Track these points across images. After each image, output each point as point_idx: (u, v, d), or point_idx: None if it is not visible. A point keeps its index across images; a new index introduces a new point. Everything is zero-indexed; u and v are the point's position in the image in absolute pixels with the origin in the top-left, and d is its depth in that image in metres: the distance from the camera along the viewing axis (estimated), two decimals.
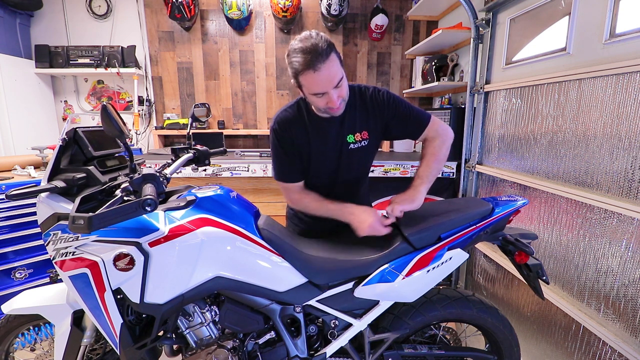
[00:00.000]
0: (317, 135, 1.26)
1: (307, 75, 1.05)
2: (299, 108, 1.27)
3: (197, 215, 1.03)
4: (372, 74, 3.38)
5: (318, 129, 1.25)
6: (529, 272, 1.15)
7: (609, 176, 1.33)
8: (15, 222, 1.95)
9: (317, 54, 1.02)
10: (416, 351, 1.22)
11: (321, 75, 1.04)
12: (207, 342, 1.13)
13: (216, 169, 2.49)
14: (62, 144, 1.07)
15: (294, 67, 1.08)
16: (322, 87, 1.07)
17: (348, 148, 1.27)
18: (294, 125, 1.25)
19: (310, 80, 1.06)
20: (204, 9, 3.14)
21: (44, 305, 1.17)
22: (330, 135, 1.26)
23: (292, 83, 1.16)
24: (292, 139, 1.25)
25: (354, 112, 1.26)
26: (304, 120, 1.25)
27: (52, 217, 1.02)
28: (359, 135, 1.27)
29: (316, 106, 1.18)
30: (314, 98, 1.12)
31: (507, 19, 1.92)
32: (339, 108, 1.15)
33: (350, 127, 1.26)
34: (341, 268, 1.10)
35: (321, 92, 1.08)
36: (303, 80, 1.09)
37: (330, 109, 1.14)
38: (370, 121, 1.27)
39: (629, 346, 1.23)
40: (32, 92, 2.94)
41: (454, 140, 1.36)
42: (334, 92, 1.09)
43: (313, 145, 1.26)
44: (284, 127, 1.25)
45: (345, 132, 1.26)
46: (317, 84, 1.07)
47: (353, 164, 1.31)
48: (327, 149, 1.27)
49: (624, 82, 1.25)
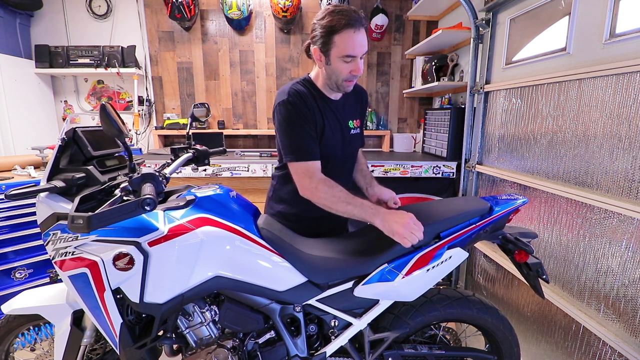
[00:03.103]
0: (329, 114, 1.24)
1: (346, 34, 1.08)
2: (307, 85, 1.24)
3: (196, 214, 1.03)
4: (372, 74, 3.38)
5: (327, 108, 1.24)
6: (528, 271, 1.15)
7: (609, 176, 1.33)
8: (15, 222, 1.95)
9: (358, 17, 1.10)
10: (416, 351, 1.22)
11: (359, 37, 1.10)
12: (207, 341, 1.13)
13: (216, 169, 2.49)
14: (61, 143, 1.07)
15: (331, 25, 1.09)
16: (357, 49, 1.11)
17: (349, 133, 1.30)
18: (308, 98, 1.19)
19: (348, 40, 1.09)
20: (204, 9, 3.14)
21: (44, 305, 1.17)
22: (337, 116, 1.27)
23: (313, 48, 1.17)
24: (312, 111, 1.18)
25: (350, 101, 1.32)
26: (315, 96, 1.23)
27: (52, 217, 1.02)
28: (356, 122, 1.33)
29: (337, 73, 1.16)
30: (340, 63, 1.13)
31: (507, 19, 1.92)
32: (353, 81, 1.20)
33: (349, 113, 1.31)
34: (341, 267, 1.10)
35: (354, 54, 1.11)
36: (339, 40, 1.10)
37: (353, 77, 1.17)
38: (358, 113, 1.37)
39: (629, 346, 1.23)
40: (32, 92, 2.94)
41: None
42: (360, 60, 1.13)
43: (326, 123, 1.21)
44: (301, 98, 1.16)
45: (347, 117, 1.30)
46: (353, 45, 1.10)
47: (352, 150, 1.35)
48: (335, 130, 1.25)
49: (624, 82, 1.25)
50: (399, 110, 3.48)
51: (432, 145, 2.88)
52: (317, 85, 1.25)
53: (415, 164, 2.55)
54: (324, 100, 1.24)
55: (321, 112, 1.22)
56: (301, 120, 1.16)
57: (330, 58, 1.14)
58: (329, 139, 1.23)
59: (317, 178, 1.14)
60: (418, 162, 2.56)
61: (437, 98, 3.26)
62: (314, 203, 1.15)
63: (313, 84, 1.25)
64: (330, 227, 1.41)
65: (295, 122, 1.16)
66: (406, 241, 1.00)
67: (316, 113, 1.20)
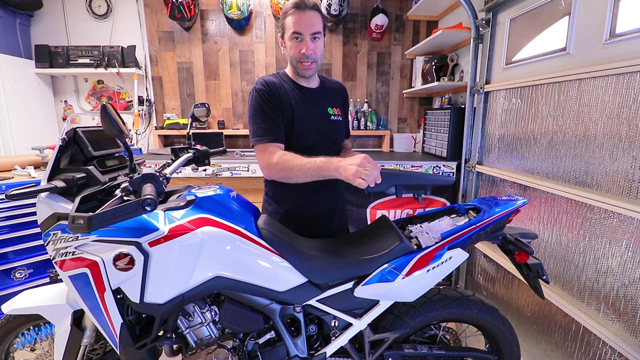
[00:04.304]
0: (301, 101, 1.31)
1: (292, 14, 1.21)
2: (281, 76, 1.35)
3: (196, 215, 1.03)
4: (372, 74, 3.38)
5: (301, 95, 1.32)
6: (529, 272, 1.15)
7: (609, 176, 1.33)
8: (15, 222, 1.95)
9: (305, 2, 1.22)
10: (416, 351, 1.22)
11: (304, 16, 1.21)
12: (207, 342, 1.13)
13: (216, 169, 2.49)
14: (61, 144, 1.07)
15: (284, 11, 1.24)
16: (302, 26, 1.21)
17: (330, 118, 1.37)
18: (276, 87, 1.28)
19: (293, 19, 1.21)
20: (204, 9, 3.14)
21: (44, 305, 1.17)
22: (313, 102, 1.34)
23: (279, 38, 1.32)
24: (279, 99, 1.27)
25: (329, 90, 1.42)
26: (286, 86, 1.32)
27: (52, 217, 1.01)
28: (336, 110, 1.40)
29: (291, 55, 1.27)
30: (292, 43, 1.24)
31: (507, 19, 1.93)
32: (311, 65, 1.26)
33: (328, 100, 1.39)
34: (341, 268, 1.10)
35: (299, 31, 1.21)
36: (287, 21, 1.23)
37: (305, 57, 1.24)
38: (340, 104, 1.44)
39: (629, 346, 1.23)
40: (32, 92, 2.94)
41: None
42: (309, 39, 1.23)
43: (297, 109, 1.29)
44: (267, 86, 1.26)
45: (326, 104, 1.38)
46: (298, 23, 1.21)
47: (333, 135, 1.39)
48: (310, 115, 1.32)
49: (624, 82, 1.25)
50: (399, 110, 3.48)
51: (432, 145, 2.88)
52: (289, 76, 1.35)
53: (415, 164, 2.55)
54: (298, 88, 1.33)
55: (291, 98, 1.29)
56: (265, 105, 1.24)
57: (285, 41, 1.28)
58: (302, 122, 1.29)
59: (276, 155, 1.18)
60: (418, 162, 2.57)
61: (437, 98, 3.26)
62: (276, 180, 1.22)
63: (286, 75, 1.36)
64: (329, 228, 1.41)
65: (259, 108, 1.24)
66: (361, 181, 0.94)
67: (284, 99, 1.27)
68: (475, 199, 1.36)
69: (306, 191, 1.33)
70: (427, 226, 1.18)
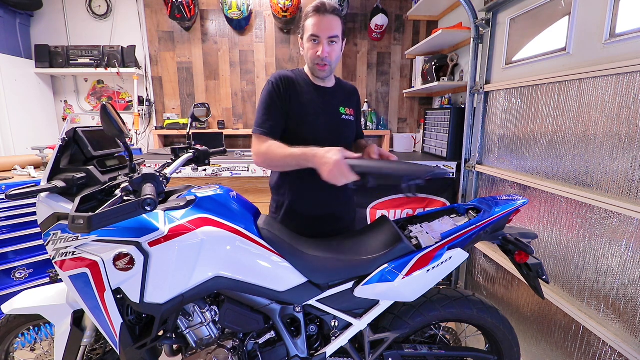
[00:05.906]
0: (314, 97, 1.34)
1: (312, 18, 1.25)
2: (297, 72, 1.38)
3: (196, 215, 1.03)
4: (372, 74, 3.38)
5: (314, 93, 1.35)
6: (529, 272, 1.15)
7: (609, 176, 1.33)
8: (15, 222, 1.95)
9: (326, 6, 1.25)
10: (416, 351, 1.22)
11: (323, 20, 1.24)
12: (207, 342, 1.13)
13: (216, 169, 2.49)
14: (62, 144, 1.07)
15: (305, 13, 1.28)
16: (320, 30, 1.24)
17: (341, 118, 1.39)
18: (293, 83, 1.32)
19: (312, 22, 1.25)
20: (204, 9, 3.14)
21: (44, 305, 1.17)
22: (326, 100, 1.37)
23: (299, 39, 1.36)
24: (289, 93, 1.30)
25: (343, 91, 1.45)
26: (302, 82, 1.35)
27: (52, 217, 1.01)
28: (348, 110, 1.42)
29: (308, 56, 1.30)
30: (309, 45, 1.28)
31: (507, 19, 1.93)
32: (325, 67, 1.29)
33: (342, 100, 1.42)
34: (341, 268, 1.10)
35: (317, 34, 1.25)
36: (307, 24, 1.27)
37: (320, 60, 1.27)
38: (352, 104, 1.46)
39: (629, 346, 1.23)
40: (32, 92, 2.94)
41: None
42: (326, 43, 1.26)
43: (308, 105, 1.32)
44: (281, 80, 1.30)
45: (338, 103, 1.40)
46: (317, 26, 1.24)
47: (342, 133, 1.41)
48: (321, 113, 1.34)
49: (624, 82, 1.25)
50: (399, 110, 3.48)
51: (432, 145, 2.88)
52: (306, 74, 1.38)
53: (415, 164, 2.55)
54: (312, 85, 1.36)
55: (304, 94, 1.33)
56: (273, 98, 1.28)
57: (304, 42, 1.31)
58: (311, 121, 1.32)
59: (265, 144, 1.24)
60: (418, 162, 2.57)
61: (437, 98, 3.26)
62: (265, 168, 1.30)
63: (303, 72, 1.39)
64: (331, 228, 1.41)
65: (271, 99, 1.29)
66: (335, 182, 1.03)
67: (295, 94, 1.31)
68: (475, 199, 1.36)
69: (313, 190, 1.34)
70: (427, 226, 1.18)
